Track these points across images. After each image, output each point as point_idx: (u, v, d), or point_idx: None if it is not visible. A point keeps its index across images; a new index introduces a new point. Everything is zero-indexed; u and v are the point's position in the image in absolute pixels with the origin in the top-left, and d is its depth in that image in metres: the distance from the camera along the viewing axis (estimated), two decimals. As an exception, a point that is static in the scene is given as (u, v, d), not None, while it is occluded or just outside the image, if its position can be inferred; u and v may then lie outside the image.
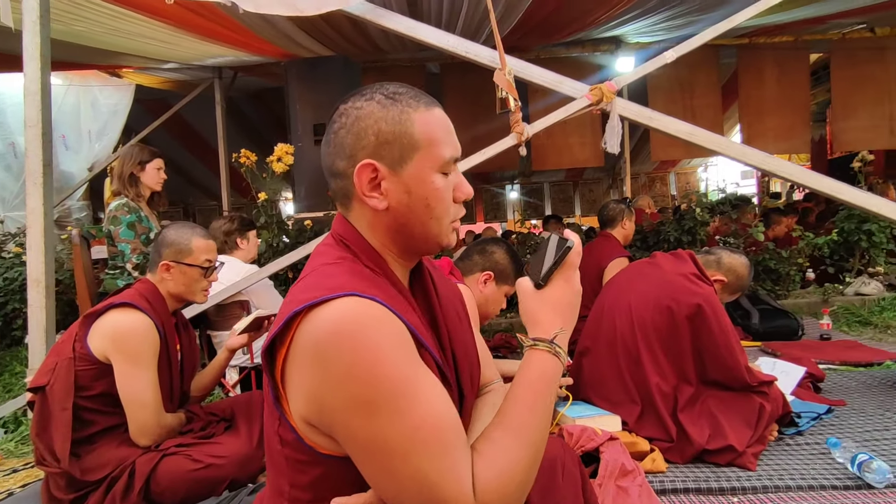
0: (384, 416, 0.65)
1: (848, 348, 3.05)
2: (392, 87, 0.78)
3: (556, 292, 0.81)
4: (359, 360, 0.65)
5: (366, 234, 0.79)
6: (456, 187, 0.81)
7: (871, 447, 1.81)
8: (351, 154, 0.76)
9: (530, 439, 0.72)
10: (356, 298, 0.68)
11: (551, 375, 0.77)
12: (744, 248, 3.70)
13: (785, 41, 5.83)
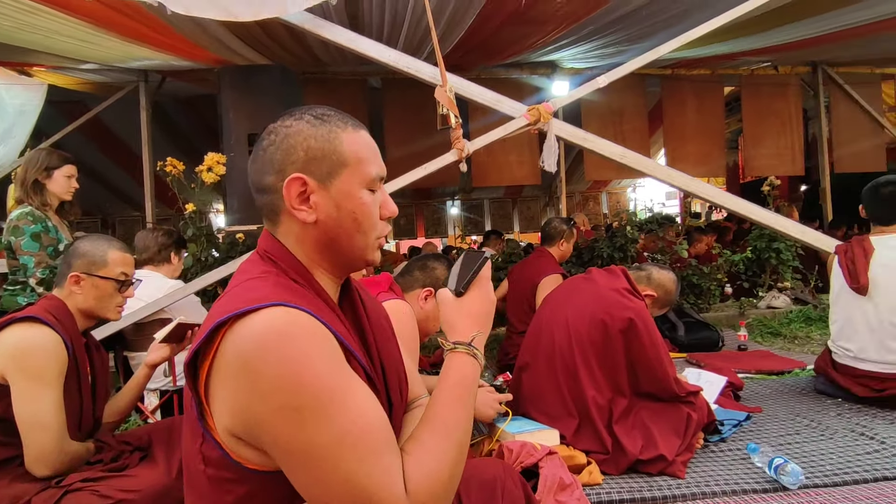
0: (313, 422, 0.66)
1: (762, 358, 3.28)
2: (320, 109, 0.82)
3: (473, 301, 0.88)
4: (286, 368, 0.65)
5: (293, 248, 0.81)
6: (382, 205, 0.84)
7: (785, 451, 1.93)
8: (280, 169, 0.78)
9: (456, 438, 0.76)
10: (283, 308, 0.68)
11: (471, 376, 0.82)
12: (670, 265, 3.92)
13: (702, 74, 6.33)
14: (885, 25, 4.68)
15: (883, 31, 4.89)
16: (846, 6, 4.06)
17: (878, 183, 2.42)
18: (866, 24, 4.63)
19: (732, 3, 2.89)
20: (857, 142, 6.64)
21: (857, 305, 2.36)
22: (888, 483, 1.71)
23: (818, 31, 4.85)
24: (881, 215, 2.40)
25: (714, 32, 3.69)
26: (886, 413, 2.25)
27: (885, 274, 2.30)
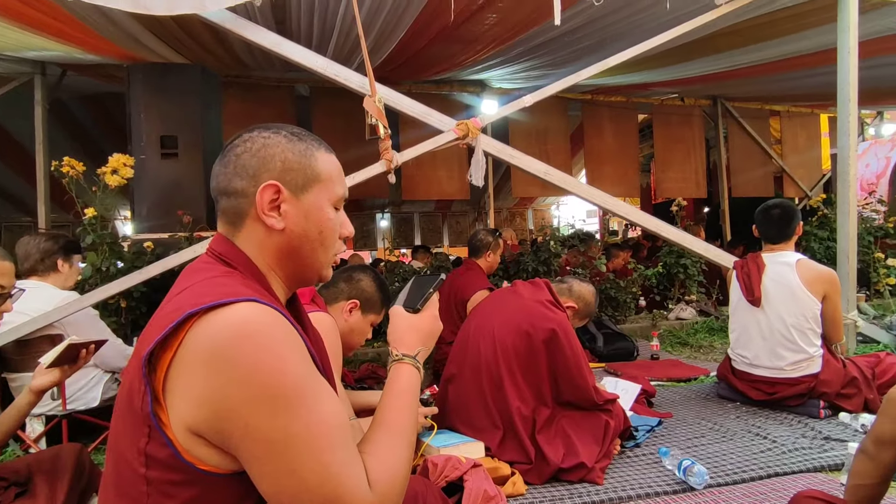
0: (289, 410, 0.67)
1: (672, 366, 3.50)
2: (295, 128, 0.87)
3: (423, 319, 0.97)
4: (264, 357, 0.67)
5: (253, 254, 0.83)
6: (342, 224, 0.89)
7: (692, 453, 2.06)
8: (254, 175, 0.81)
9: (407, 438, 0.83)
10: (256, 304, 0.70)
11: (416, 385, 0.90)
12: (590, 278, 4.11)
13: (619, 101, 6.77)
14: (770, 67, 5.27)
15: (769, 72, 5.50)
16: (740, 47, 4.52)
17: (767, 206, 2.68)
18: (755, 65, 5.18)
19: (644, 36, 3.12)
20: (750, 169, 7.37)
21: (751, 316, 2.58)
22: (779, 478, 1.87)
23: (717, 69, 5.36)
24: (771, 234, 2.65)
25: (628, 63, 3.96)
26: (777, 414, 2.47)
27: (774, 288, 2.54)
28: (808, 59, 4.81)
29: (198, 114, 3.77)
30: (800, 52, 4.65)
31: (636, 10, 3.57)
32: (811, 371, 2.42)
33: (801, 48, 4.53)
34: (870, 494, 1.26)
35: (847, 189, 3.17)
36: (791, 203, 2.67)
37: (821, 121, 7.81)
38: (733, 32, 3.99)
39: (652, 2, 3.24)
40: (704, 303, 4.62)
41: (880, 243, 5.16)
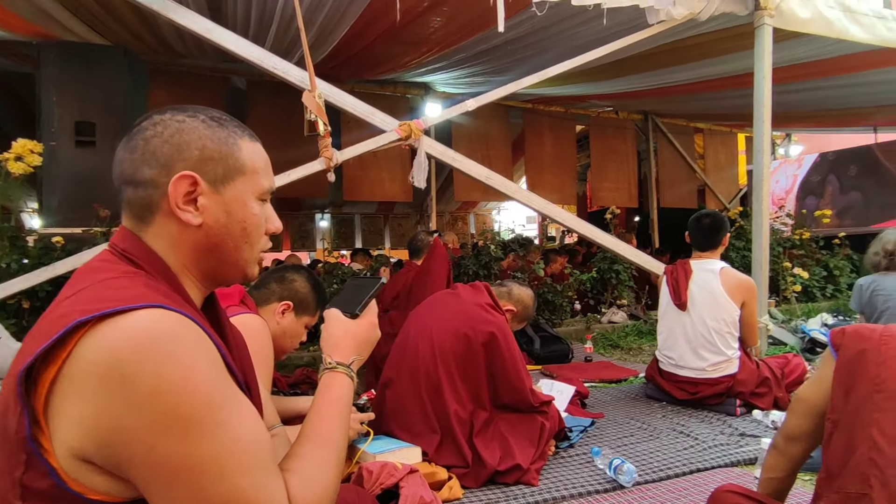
0: (199, 431, 0.60)
1: (604, 368, 3.63)
2: (216, 112, 0.78)
3: (360, 326, 0.92)
4: (169, 373, 0.59)
5: (164, 251, 0.74)
6: (268, 219, 0.82)
7: (622, 452, 2.12)
8: (166, 164, 0.72)
9: (338, 452, 0.78)
10: (161, 310, 0.62)
11: (348, 395, 0.85)
12: (528, 282, 4.19)
13: (558, 111, 7.00)
14: (694, 87, 5.63)
15: (693, 91, 5.88)
16: (668, 67, 4.79)
17: (700, 215, 2.85)
18: (681, 84, 5.52)
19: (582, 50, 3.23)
20: (676, 182, 7.84)
21: (678, 319, 2.72)
22: (700, 474, 1.97)
23: (647, 86, 5.66)
24: (700, 242, 2.81)
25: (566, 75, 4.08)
26: (699, 412, 2.61)
27: (700, 293, 2.69)
28: (728, 81, 5.17)
29: (119, 100, 3.48)
30: (721, 74, 5.00)
31: (575, 24, 3.69)
32: (729, 372, 2.58)
33: (722, 71, 4.87)
34: (780, 487, 1.34)
35: (761, 203, 3.42)
36: (721, 215, 2.85)
37: (738, 139, 8.44)
38: (662, 52, 4.23)
39: (590, 17, 3.36)
40: (634, 307, 4.85)
41: (788, 254, 5.63)
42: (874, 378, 1.03)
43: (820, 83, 5.21)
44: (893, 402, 0.99)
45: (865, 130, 7.61)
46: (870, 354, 1.06)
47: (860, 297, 3.45)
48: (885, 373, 1.03)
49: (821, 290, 5.69)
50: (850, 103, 6.14)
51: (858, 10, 3.55)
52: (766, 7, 3.20)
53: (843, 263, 5.93)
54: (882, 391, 1.01)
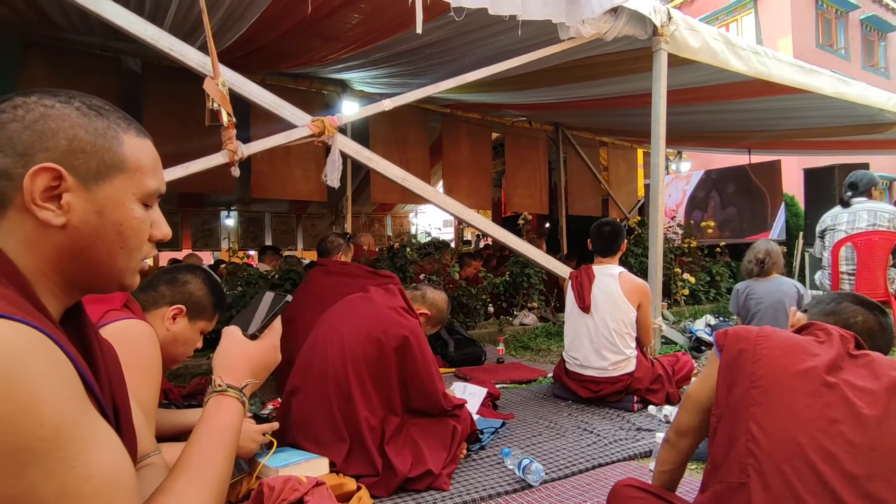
0: (41, 467, 0.51)
1: (515, 369, 3.73)
2: (96, 100, 0.68)
3: (260, 348, 0.86)
4: (11, 397, 0.50)
5: (16, 252, 0.63)
6: (154, 224, 0.73)
7: (530, 451, 2.18)
8: (23, 152, 0.62)
9: (217, 489, 0.70)
10: (5, 321, 0.53)
11: (238, 423, 0.78)
12: (443, 285, 4.20)
13: (475, 118, 7.14)
14: (599, 103, 6.01)
15: (598, 107, 6.27)
16: (577, 82, 5.06)
17: (601, 223, 3.02)
18: (588, 99, 5.87)
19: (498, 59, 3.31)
20: (583, 191, 8.31)
21: (582, 322, 2.86)
22: (602, 468, 2.07)
23: (558, 99, 5.95)
24: (601, 248, 2.98)
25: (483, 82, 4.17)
26: (601, 410, 2.75)
27: (601, 296, 2.85)
28: (629, 100, 5.57)
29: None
30: (623, 93, 5.37)
31: (492, 34, 3.78)
32: (628, 370, 2.75)
33: (625, 90, 5.23)
34: (672, 478, 1.43)
35: (657, 214, 3.71)
36: (619, 223, 3.05)
37: (638, 154, 9.14)
38: (572, 68, 4.45)
39: (507, 28, 3.45)
40: (544, 309, 5.05)
41: (678, 260, 6.17)
42: (751, 375, 1.13)
43: (706, 107, 5.77)
44: (767, 396, 1.09)
45: (742, 152, 8.56)
46: (747, 354, 1.16)
47: (737, 301, 3.85)
48: (761, 370, 1.13)
49: (705, 293, 6.30)
50: (729, 127, 6.88)
51: (738, 44, 3.98)
52: (662, 34, 3.48)
53: (723, 270, 6.61)
54: (758, 387, 1.10)
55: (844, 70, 14.38)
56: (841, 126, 6.12)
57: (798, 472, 0.98)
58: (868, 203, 3.82)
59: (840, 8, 15.95)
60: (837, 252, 3.86)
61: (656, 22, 3.40)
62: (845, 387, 1.07)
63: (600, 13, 3.16)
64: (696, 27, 3.73)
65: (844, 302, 1.35)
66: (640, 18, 3.40)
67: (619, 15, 3.35)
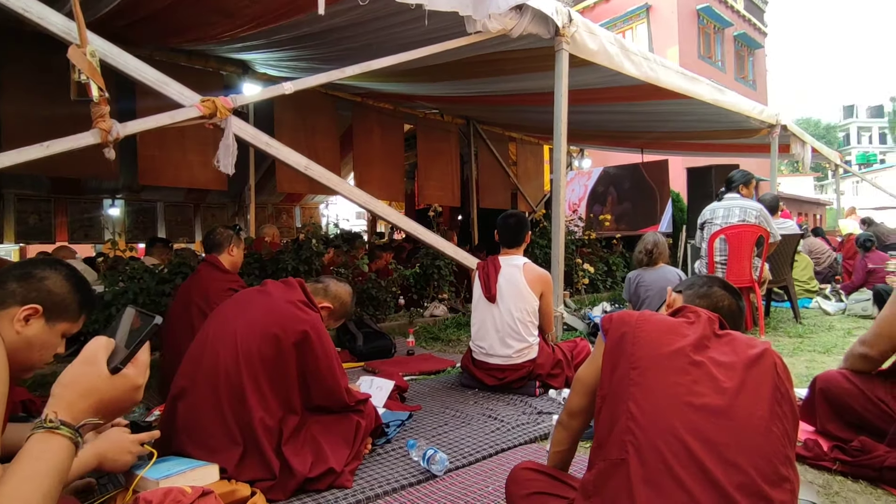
0: None
1: (424, 360, 3.74)
2: None
3: (118, 387, 0.74)
4: None
5: None
6: None
7: (436, 441, 2.19)
8: None
9: None
10: None
11: (65, 468, 0.67)
12: (352, 278, 4.11)
13: (387, 108, 7.04)
14: (507, 99, 6.19)
15: (505, 103, 6.46)
16: (486, 77, 5.16)
17: (506, 215, 3.10)
18: (497, 95, 6.01)
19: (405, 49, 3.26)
20: (494, 185, 8.53)
21: (488, 311, 2.92)
22: (505, 453, 2.12)
23: (468, 93, 6.03)
24: (507, 240, 3.06)
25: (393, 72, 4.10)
26: (505, 396, 2.84)
27: (506, 286, 2.93)
28: (534, 97, 5.78)
29: None
30: (529, 90, 5.56)
31: (400, 23, 3.73)
32: (530, 357, 2.86)
33: (530, 87, 5.41)
34: (565, 458, 1.50)
35: (559, 207, 3.88)
36: (524, 215, 3.14)
37: (544, 150, 9.55)
38: (481, 63, 4.52)
39: (414, 17, 3.41)
40: (455, 300, 5.12)
41: (579, 251, 6.54)
42: (630, 357, 1.20)
43: (604, 108, 6.15)
44: (645, 377, 1.17)
45: (635, 151, 9.25)
46: (628, 337, 1.24)
47: (629, 288, 4.15)
48: (639, 352, 1.20)
49: (603, 282, 6.74)
50: (624, 127, 7.39)
51: (631, 50, 4.26)
52: (564, 34, 3.62)
53: (618, 260, 7.11)
54: (636, 368, 1.18)
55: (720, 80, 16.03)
56: (716, 130, 6.81)
57: (670, 446, 1.06)
58: (739, 200, 4.29)
59: (717, 24, 17.75)
60: (713, 243, 4.29)
61: (558, 22, 3.53)
62: (710, 364, 1.18)
63: (506, 9, 3.22)
64: (595, 30, 3.93)
65: (715, 286, 1.49)
66: (544, 18, 3.51)
67: (524, 13, 3.43)
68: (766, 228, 4.17)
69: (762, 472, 1.02)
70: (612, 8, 17.51)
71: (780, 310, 5.34)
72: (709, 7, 16.89)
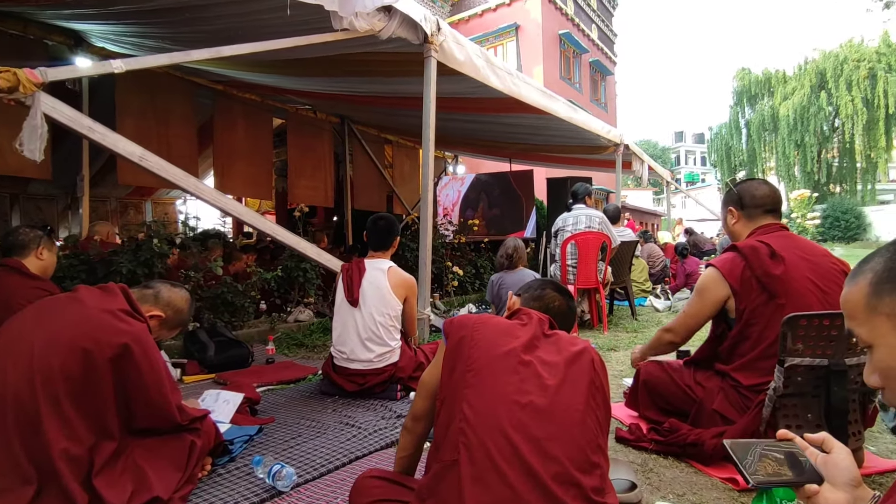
0: None
1: (285, 368, 3.54)
2: None
3: None
4: None
5: None
6: None
7: (287, 455, 2.07)
8: None
9: None
10: None
11: None
12: (204, 282, 3.75)
13: (253, 100, 6.60)
14: (381, 101, 6.17)
15: (380, 105, 6.43)
16: (359, 77, 5.08)
17: (376, 217, 3.05)
18: (370, 95, 5.96)
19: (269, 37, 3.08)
20: (369, 186, 8.44)
21: (350, 315, 2.85)
22: (360, 461, 2.07)
23: (341, 91, 5.90)
24: (375, 242, 3.02)
25: (253, 62, 3.84)
26: (366, 402, 2.78)
27: (370, 289, 2.88)
28: (408, 101, 5.83)
29: None
30: (402, 94, 5.59)
31: (260, 10, 3.51)
32: (392, 361, 2.85)
33: (404, 91, 5.45)
34: (410, 462, 1.50)
35: (427, 210, 3.94)
36: (394, 218, 3.10)
37: (420, 154, 9.69)
38: (354, 61, 4.44)
39: (276, 5, 3.22)
40: (321, 304, 4.94)
41: (450, 255, 6.73)
42: (467, 359, 1.23)
43: (475, 117, 6.41)
44: (479, 378, 1.20)
45: (505, 160, 9.80)
46: (466, 339, 1.27)
47: (491, 290, 4.35)
48: (475, 353, 1.24)
49: (471, 284, 7.01)
50: (493, 137, 7.78)
51: (496, 64, 4.48)
52: (432, 42, 3.69)
53: (486, 263, 7.45)
54: (471, 370, 1.21)
55: (578, 100, 17.73)
56: (572, 145, 7.48)
57: (497, 444, 1.10)
58: (585, 209, 4.73)
59: (576, 49, 19.59)
60: (565, 248, 4.68)
61: (427, 30, 3.58)
62: (537, 363, 1.25)
63: (372, 9, 3.19)
64: (462, 42, 4.07)
65: (547, 289, 1.59)
66: (413, 24, 3.54)
67: (392, 16, 3.43)
68: (608, 234, 4.66)
69: (575, 462, 1.10)
70: (485, 23, 18.44)
71: (620, 308, 6.01)
72: (569, 33, 18.56)
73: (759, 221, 2.10)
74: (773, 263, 1.92)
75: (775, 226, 2.08)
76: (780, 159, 28.37)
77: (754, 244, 1.99)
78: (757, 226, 2.10)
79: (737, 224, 2.16)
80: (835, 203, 26.22)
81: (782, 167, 28.37)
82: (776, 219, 2.11)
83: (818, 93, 26.69)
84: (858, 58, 25.41)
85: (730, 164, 30.60)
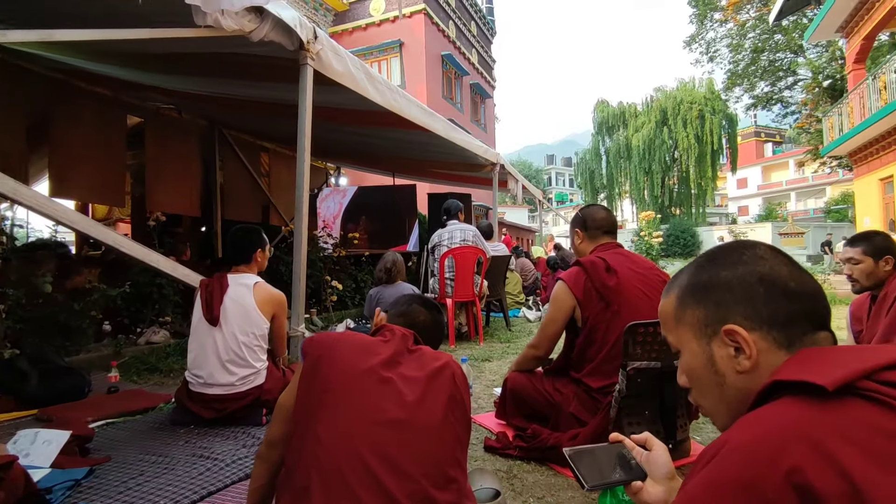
0: None
1: (132, 397, 3.13)
2: None
3: None
4: None
5: None
6: None
7: (122, 499, 1.82)
8: None
9: None
10: None
11: None
12: (27, 301, 3.18)
13: (104, 94, 5.85)
14: (255, 106, 5.84)
15: (256, 110, 6.09)
16: (230, 79, 4.76)
17: (235, 230, 2.84)
18: (242, 99, 5.61)
19: (117, 24, 2.75)
20: (242, 195, 7.89)
21: (209, 335, 2.61)
22: (213, 497, 1.88)
23: (211, 92, 5.47)
24: (233, 256, 2.80)
25: (103, 51, 3.40)
26: (226, 429, 2.55)
27: (233, 307, 2.66)
28: (285, 108, 5.59)
29: None
30: (279, 100, 5.35)
31: (112, -6, 3.14)
32: (257, 383, 2.65)
33: (280, 97, 5.21)
34: (264, 495, 1.39)
35: (302, 222, 3.77)
36: (258, 230, 2.88)
37: (299, 164, 9.32)
38: (226, 62, 4.14)
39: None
40: (180, 324, 4.47)
41: (328, 268, 6.53)
42: (324, 379, 1.18)
43: (357, 129, 6.34)
44: (335, 398, 1.15)
45: (388, 174, 9.82)
46: (324, 358, 1.22)
47: (370, 305, 4.29)
48: (332, 374, 1.19)
49: (351, 299, 6.86)
50: (376, 151, 7.77)
51: (376, 78, 4.48)
52: (308, 50, 3.58)
53: (367, 277, 7.35)
54: (328, 391, 1.16)
55: (460, 120, 18.48)
56: (453, 162, 7.73)
57: (351, 466, 1.06)
58: (459, 225, 4.90)
59: (458, 71, 20.46)
60: (443, 262, 4.78)
61: (302, 37, 3.47)
62: (398, 379, 1.23)
63: (240, 8, 3.01)
64: (341, 52, 4.01)
65: (413, 304, 1.59)
66: (287, 29, 3.40)
67: (264, 18, 3.26)
68: (482, 249, 4.86)
69: (431, 478, 1.10)
70: (369, 37, 18.50)
71: (496, 319, 6.29)
72: (450, 55, 19.33)
73: (599, 240, 2.39)
74: (608, 276, 2.17)
75: (612, 244, 2.39)
76: (633, 184, 32.37)
77: (594, 259, 2.24)
78: (597, 244, 2.38)
79: (582, 243, 2.44)
80: (675, 223, 30.45)
81: (635, 191, 32.39)
82: (612, 238, 2.43)
83: (662, 127, 31.01)
84: (691, 100, 30.05)
85: (593, 186, 34.14)
